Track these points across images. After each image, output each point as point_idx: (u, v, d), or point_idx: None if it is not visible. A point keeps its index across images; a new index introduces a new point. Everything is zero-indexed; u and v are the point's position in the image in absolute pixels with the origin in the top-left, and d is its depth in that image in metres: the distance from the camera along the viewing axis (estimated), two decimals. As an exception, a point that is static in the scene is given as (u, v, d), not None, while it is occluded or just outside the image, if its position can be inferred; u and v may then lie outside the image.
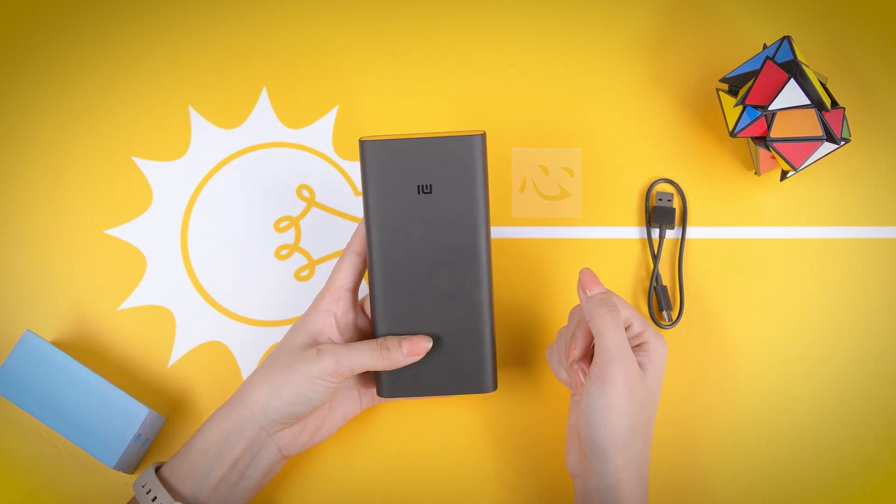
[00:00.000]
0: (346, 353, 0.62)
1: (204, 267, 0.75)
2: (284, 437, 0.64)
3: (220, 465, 0.62)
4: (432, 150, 0.62)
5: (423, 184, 0.62)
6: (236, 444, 0.62)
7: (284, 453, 0.64)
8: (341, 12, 0.80)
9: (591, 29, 0.79)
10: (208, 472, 0.62)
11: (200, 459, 0.62)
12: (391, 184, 0.62)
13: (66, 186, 0.76)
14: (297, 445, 0.65)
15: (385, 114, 0.77)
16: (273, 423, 0.62)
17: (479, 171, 0.62)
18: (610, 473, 0.59)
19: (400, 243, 0.63)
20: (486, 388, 0.65)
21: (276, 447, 0.64)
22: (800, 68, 0.69)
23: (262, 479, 0.64)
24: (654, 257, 0.74)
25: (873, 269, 0.73)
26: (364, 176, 0.63)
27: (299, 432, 0.64)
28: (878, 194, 0.75)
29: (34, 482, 0.70)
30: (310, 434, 0.65)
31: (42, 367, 0.68)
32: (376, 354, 0.62)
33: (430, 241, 0.63)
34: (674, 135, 0.77)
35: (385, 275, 0.63)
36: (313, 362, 0.62)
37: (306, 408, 0.62)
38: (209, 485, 0.62)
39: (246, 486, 0.63)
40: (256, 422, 0.62)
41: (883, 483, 0.69)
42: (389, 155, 0.62)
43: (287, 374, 0.62)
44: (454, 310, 0.64)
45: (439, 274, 0.63)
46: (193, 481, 0.62)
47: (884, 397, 0.71)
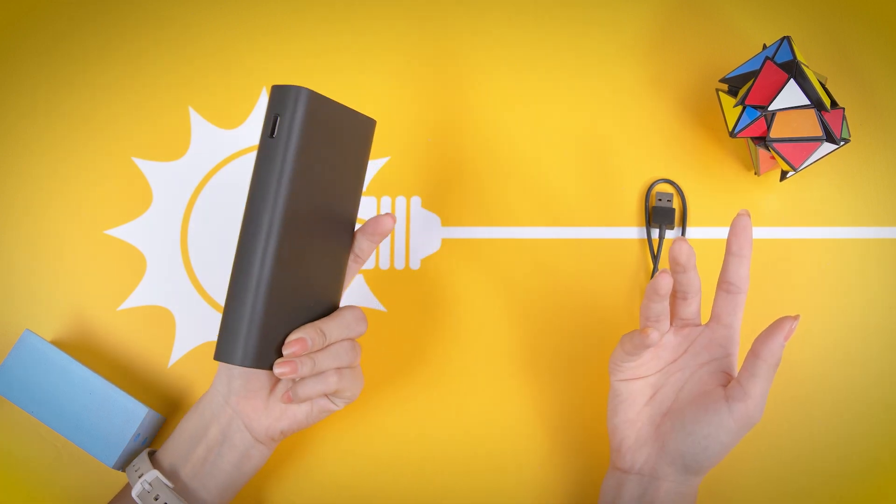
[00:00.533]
0: None
1: (204, 267, 0.75)
2: (248, 413, 0.62)
3: (196, 444, 0.63)
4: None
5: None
6: (209, 423, 0.63)
7: (255, 434, 0.63)
8: (341, 13, 0.80)
9: (591, 29, 0.79)
10: (188, 452, 0.63)
11: (181, 440, 0.64)
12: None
13: (66, 186, 0.76)
14: (263, 425, 0.63)
15: (385, 114, 0.77)
16: (233, 391, 0.62)
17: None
18: (691, 484, 0.61)
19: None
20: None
21: (243, 424, 0.63)
22: (799, 68, 0.69)
23: (239, 461, 0.63)
24: (653, 257, 0.74)
25: (873, 269, 0.73)
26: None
27: (261, 407, 0.63)
28: (878, 194, 0.75)
29: (34, 482, 0.70)
30: (276, 415, 0.63)
31: (41, 366, 0.68)
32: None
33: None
34: (673, 135, 0.77)
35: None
36: None
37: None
38: (189, 463, 0.63)
39: (222, 467, 0.63)
40: (220, 394, 0.63)
41: (883, 483, 0.69)
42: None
43: None
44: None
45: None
46: (174, 460, 0.63)
47: (884, 397, 0.71)
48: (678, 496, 0.61)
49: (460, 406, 0.71)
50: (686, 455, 0.60)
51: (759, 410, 0.59)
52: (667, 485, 0.61)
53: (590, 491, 0.69)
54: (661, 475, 0.61)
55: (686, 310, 0.63)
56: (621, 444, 0.63)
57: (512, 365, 0.72)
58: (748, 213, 0.61)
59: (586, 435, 0.70)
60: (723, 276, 0.62)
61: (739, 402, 0.59)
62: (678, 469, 0.61)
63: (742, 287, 0.61)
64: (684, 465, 0.61)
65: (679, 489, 0.61)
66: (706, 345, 0.63)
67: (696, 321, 0.64)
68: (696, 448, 0.60)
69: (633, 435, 0.63)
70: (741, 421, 0.59)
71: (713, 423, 0.60)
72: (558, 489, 0.69)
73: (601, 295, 0.73)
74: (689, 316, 0.63)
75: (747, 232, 0.61)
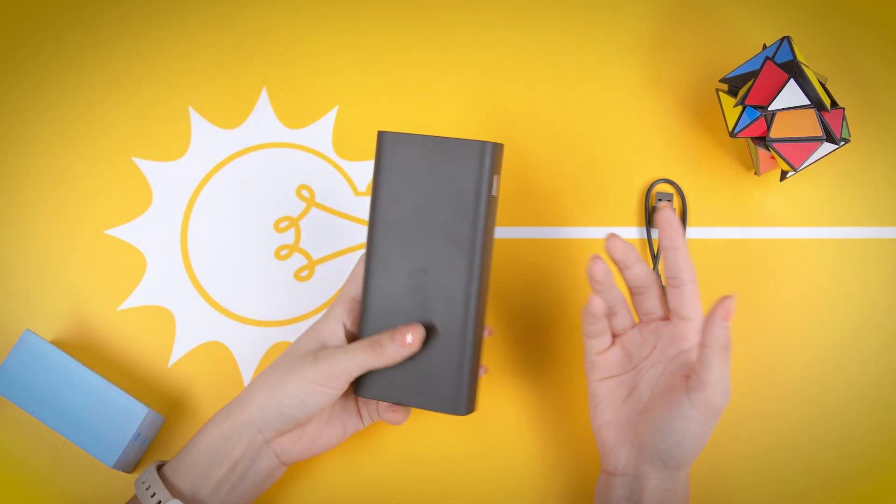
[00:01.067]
0: (342, 356, 0.62)
1: (204, 267, 0.75)
2: (282, 444, 0.64)
3: (218, 465, 0.62)
4: (446, 151, 0.61)
5: (431, 185, 0.61)
6: (235, 446, 0.62)
7: (282, 459, 0.64)
8: (341, 13, 0.80)
9: (591, 29, 0.79)
10: (207, 471, 0.62)
11: (200, 459, 0.62)
12: (401, 180, 0.62)
13: (66, 186, 0.76)
14: (294, 453, 0.64)
15: (385, 114, 0.77)
16: (270, 426, 0.62)
17: (485, 180, 0.61)
18: (676, 479, 0.61)
19: (397, 243, 0.62)
20: (459, 410, 0.62)
21: (274, 453, 0.63)
22: (799, 68, 0.69)
23: (261, 483, 0.64)
24: (653, 257, 0.74)
25: (873, 269, 0.73)
26: (377, 168, 0.62)
27: (297, 439, 0.64)
28: (878, 194, 0.75)
29: (34, 482, 0.70)
30: (307, 442, 0.65)
31: (41, 366, 0.68)
32: (369, 352, 0.61)
33: (427, 244, 0.62)
34: (673, 135, 0.77)
35: (377, 278, 0.62)
36: (310, 367, 0.61)
37: (303, 412, 0.62)
38: (208, 484, 0.62)
39: (244, 488, 0.63)
40: (254, 424, 0.62)
41: (883, 483, 0.69)
42: (404, 150, 0.61)
43: (286, 378, 0.62)
44: (440, 320, 0.62)
45: (432, 286, 0.62)
46: (192, 479, 0.62)
47: (884, 397, 0.71)
48: (665, 493, 0.61)
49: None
50: (661, 451, 0.60)
51: (720, 396, 0.59)
52: (651, 483, 0.61)
53: (588, 492, 0.69)
54: (643, 474, 0.61)
55: (645, 304, 0.63)
56: (604, 446, 0.64)
57: (511, 365, 0.72)
58: (669, 205, 0.61)
59: (586, 436, 0.70)
60: (665, 272, 0.62)
61: (698, 392, 0.59)
62: (658, 466, 0.61)
63: (685, 278, 0.61)
64: (662, 461, 0.60)
65: (664, 486, 0.61)
66: (672, 339, 0.63)
67: (659, 314, 0.63)
68: (669, 443, 0.60)
69: (612, 436, 0.63)
70: (704, 410, 0.59)
71: (679, 415, 0.59)
72: (557, 490, 0.69)
73: (601, 295, 0.73)
74: (650, 310, 0.63)
75: (672, 224, 0.60)
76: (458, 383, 0.62)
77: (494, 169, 0.61)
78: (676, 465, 0.60)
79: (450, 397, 0.62)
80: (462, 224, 0.61)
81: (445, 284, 0.62)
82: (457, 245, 0.61)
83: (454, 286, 0.61)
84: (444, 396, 0.62)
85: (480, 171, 0.61)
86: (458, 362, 0.62)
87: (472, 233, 0.61)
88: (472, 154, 0.61)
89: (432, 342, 0.62)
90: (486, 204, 0.61)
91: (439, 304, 0.62)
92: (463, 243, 0.61)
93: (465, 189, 0.61)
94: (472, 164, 0.61)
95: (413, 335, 0.61)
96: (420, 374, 0.62)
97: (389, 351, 0.61)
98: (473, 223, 0.61)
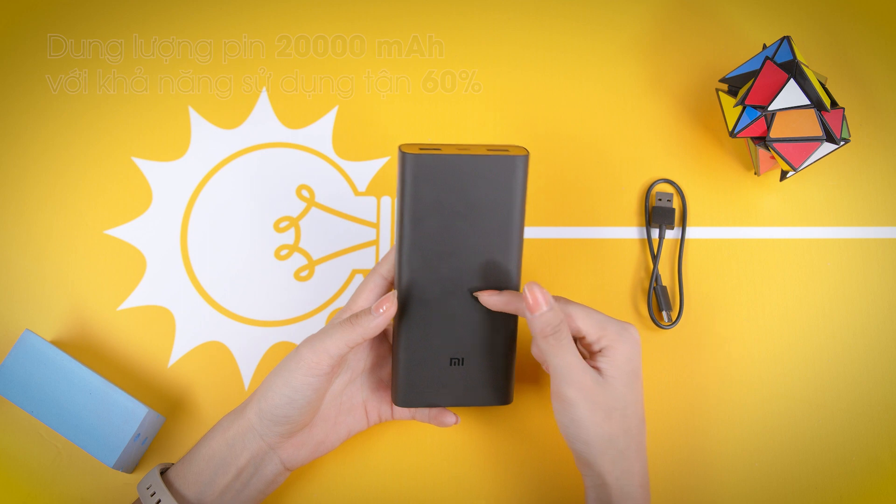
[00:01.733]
0: (319, 337, 0.61)
1: (204, 267, 0.75)
2: (287, 450, 0.64)
3: (224, 472, 0.62)
4: (475, 168, 0.60)
5: (461, 202, 0.61)
6: (240, 454, 0.62)
7: (287, 466, 0.64)
8: (341, 12, 0.80)
9: (591, 29, 0.79)
10: (213, 478, 0.62)
11: (206, 466, 0.62)
12: (428, 199, 0.60)
13: (66, 186, 0.76)
14: (299, 458, 0.64)
15: (385, 114, 0.77)
16: (269, 430, 0.62)
17: (519, 193, 0.61)
18: (598, 475, 0.61)
19: (430, 262, 0.62)
20: (506, 401, 0.66)
21: (279, 460, 0.64)
22: (799, 68, 0.69)
23: (265, 488, 0.64)
24: (653, 257, 0.74)
25: (873, 269, 0.73)
26: (402, 189, 0.60)
27: (301, 444, 0.64)
28: (877, 194, 0.75)
29: (34, 482, 0.70)
30: (312, 447, 0.65)
31: (41, 366, 0.68)
32: (346, 326, 0.61)
33: (461, 260, 0.62)
34: (673, 135, 0.77)
35: (411, 294, 0.62)
36: (292, 359, 0.61)
37: (294, 409, 0.62)
38: (214, 492, 0.62)
39: (249, 494, 0.63)
40: (254, 430, 0.62)
41: (883, 483, 0.69)
42: (429, 169, 0.60)
43: (274, 379, 0.62)
44: (480, 327, 0.63)
45: (469, 292, 0.63)
46: (198, 487, 0.62)
47: (884, 397, 0.71)
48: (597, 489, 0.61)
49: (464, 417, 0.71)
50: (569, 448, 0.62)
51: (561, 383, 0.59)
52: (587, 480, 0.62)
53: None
54: (585, 474, 0.62)
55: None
56: None
57: (512, 365, 0.72)
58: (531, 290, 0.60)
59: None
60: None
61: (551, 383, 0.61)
62: (580, 466, 0.62)
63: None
64: (576, 458, 0.62)
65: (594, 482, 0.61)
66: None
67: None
68: (568, 435, 0.61)
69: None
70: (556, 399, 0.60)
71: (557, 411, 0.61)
72: (557, 495, 0.69)
73: (601, 295, 0.73)
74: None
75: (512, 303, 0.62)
76: (506, 379, 0.65)
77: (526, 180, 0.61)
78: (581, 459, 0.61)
79: (497, 390, 0.65)
80: (501, 239, 0.62)
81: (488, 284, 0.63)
82: (498, 258, 0.62)
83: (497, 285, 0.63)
84: (490, 391, 0.65)
85: (516, 186, 0.60)
86: (503, 360, 0.65)
87: (512, 244, 0.62)
88: (508, 169, 0.60)
89: (473, 344, 0.64)
90: (522, 216, 0.61)
91: (482, 312, 0.63)
92: (504, 255, 0.62)
93: (501, 204, 0.61)
94: (508, 178, 0.60)
95: (387, 306, 0.61)
96: (461, 376, 0.64)
97: (365, 322, 0.61)
98: (511, 236, 0.62)
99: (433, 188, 0.60)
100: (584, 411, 0.59)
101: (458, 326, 0.63)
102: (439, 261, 0.62)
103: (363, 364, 0.67)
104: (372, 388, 0.67)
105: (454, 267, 0.62)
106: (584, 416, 0.59)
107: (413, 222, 0.61)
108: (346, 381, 0.66)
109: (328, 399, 0.65)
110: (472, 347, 0.64)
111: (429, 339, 0.63)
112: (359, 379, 0.67)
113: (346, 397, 0.66)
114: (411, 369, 0.64)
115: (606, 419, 0.60)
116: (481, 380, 0.65)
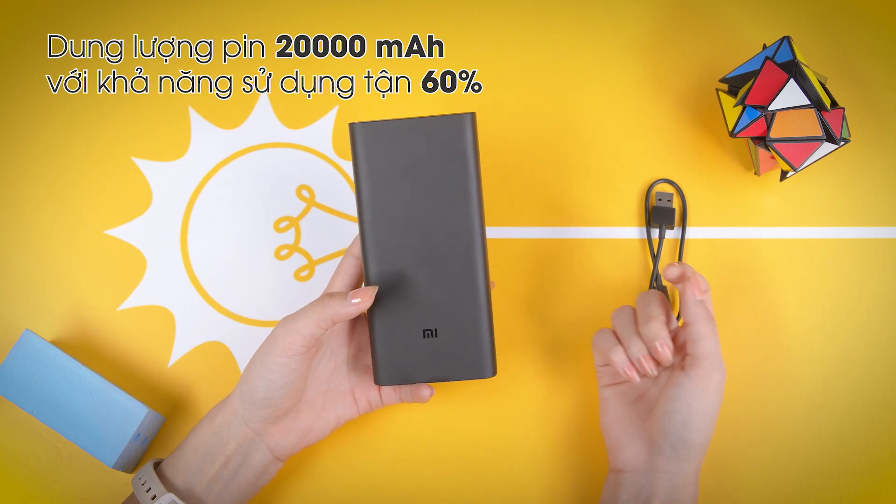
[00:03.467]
0: (291, 318, 0.61)
1: (204, 267, 0.75)
2: (273, 437, 0.64)
3: (212, 461, 0.63)
4: (422, 131, 0.61)
5: (415, 167, 0.62)
6: (227, 442, 0.63)
7: (276, 454, 0.64)
8: (341, 12, 0.80)
9: (591, 29, 0.79)
10: (201, 467, 0.62)
11: (193, 455, 0.63)
12: (382, 168, 0.62)
13: (66, 186, 0.76)
14: (287, 445, 0.64)
15: (385, 114, 0.77)
16: (253, 415, 0.62)
17: (471, 151, 0.61)
18: (686, 473, 0.61)
19: (393, 233, 0.62)
20: (485, 373, 0.64)
21: (267, 447, 0.64)
22: (799, 68, 0.69)
23: (255, 479, 0.64)
24: (653, 257, 0.74)
25: (873, 269, 0.73)
26: (355, 161, 0.62)
27: (287, 432, 0.64)
28: (878, 194, 0.75)
29: (34, 482, 0.70)
30: (300, 434, 0.65)
31: (41, 366, 0.68)
32: (317, 307, 0.61)
33: (424, 227, 0.62)
34: (673, 135, 0.77)
35: (378, 266, 0.63)
36: (268, 342, 0.62)
37: (273, 391, 0.62)
38: (203, 480, 0.62)
39: (239, 484, 0.63)
40: (238, 417, 0.63)
41: (883, 483, 0.69)
42: (379, 138, 0.61)
43: (252, 361, 0.63)
44: (450, 295, 0.63)
45: (434, 260, 0.63)
46: (187, 476, 0.63)
47: (884, 397, 0.71)
48: (674, 489, 0.61)
49: (461, 406, 0.71)
50: (671, 435, 0.60)
51: (714, 368, 0.60)
52: (662, 478, 0.61)
53: (594, 492, 0.69)
54: (653, 468, 0.61)
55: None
56: (612, 443, 0.64)
57: (511, 365, 0.72)
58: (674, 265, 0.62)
59: (587, 435, 0.70)
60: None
61: (693, 368, 0.60)
62: (669, 457, 0.61)
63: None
64: (672, 447, 0.61)
65: (675, 481, 0.61)
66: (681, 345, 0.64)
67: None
68: (676, 423, 0.60)
69: (622, 433, 0.63)
70: (702, 382, 0.60)
71: (681, 395, 0.60)
72: (562, 490, 0.69)
73: (601, 295, 0.73)
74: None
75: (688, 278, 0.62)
76: (480, 347, 0.63)
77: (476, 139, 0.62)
78: (687, 450, 0.60)
79: (475, 362, 0.63)
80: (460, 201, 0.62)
81: (454, 261, 0.62)
82: (460, 221, 0.62)
83: (463, 260, 0.62)
84: (469, 363, 0.63)
85: (466, 144, 0.61)
86: (475, 326, 0.63)
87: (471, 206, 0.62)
88: (455, 127, 0.61)
89: (444, 313, 0.63)
90: (477, 176, 0.62)
91: (450, 279, 0.63)
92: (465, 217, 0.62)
93: (456, 164, 0.61)
94: (457, 137, 0.61)
95: (361, 297, 0.61)
96: (436, 348, 0.63)
97: (336, 303, 0.61)
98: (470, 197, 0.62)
99: (385, 157, 0.61)
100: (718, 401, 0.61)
101: (427, 296, 0.63)
102: (402, 231, 0.62)
103: (347, 349, 0.67)
104: (360, 375, 0.67)
105: (417, 235, 0.62)
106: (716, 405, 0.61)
107: (370, 194, 0.62)
108: (332, 367, 0.66)
109: (314, 385, 0.65)
110: (443, 318, 0.63)
111: (399, 311, 0.63)
112: (345, 365, 0.67)
113: (333, 384, 0.66)
114: (386, 344, 0.64)
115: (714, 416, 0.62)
116: (458, 352, 0.63)
